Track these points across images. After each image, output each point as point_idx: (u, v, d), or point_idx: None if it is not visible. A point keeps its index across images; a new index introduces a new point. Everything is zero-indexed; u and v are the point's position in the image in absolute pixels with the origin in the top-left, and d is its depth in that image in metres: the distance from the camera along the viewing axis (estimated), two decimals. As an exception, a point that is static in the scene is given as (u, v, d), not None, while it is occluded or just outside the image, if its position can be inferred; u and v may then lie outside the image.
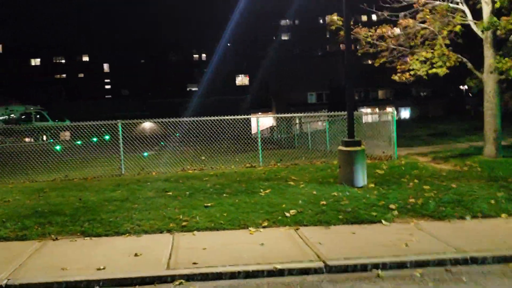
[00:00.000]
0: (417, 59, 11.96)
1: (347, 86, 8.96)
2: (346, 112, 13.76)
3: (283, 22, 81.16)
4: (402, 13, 13.61)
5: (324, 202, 7.24)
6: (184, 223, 6.36)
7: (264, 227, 6.26)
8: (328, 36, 79.77)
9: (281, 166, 11.56)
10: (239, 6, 69.04)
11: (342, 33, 12.27)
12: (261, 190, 8.15)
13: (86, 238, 6.02)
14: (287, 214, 6.66)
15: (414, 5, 12.09)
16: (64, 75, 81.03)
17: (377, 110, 66.92)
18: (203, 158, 12.38)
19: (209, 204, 7.20)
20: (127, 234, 6.07)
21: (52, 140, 25.46)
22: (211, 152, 14.17)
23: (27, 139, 27.54)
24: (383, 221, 6.49)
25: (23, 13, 72.04)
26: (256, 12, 71.19)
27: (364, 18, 67.30)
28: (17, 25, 72.51)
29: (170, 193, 8.17)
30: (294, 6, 72.68)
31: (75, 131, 13.46)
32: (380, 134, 14.55)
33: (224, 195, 7.91)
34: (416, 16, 12.47)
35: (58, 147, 22.54)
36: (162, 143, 22.44)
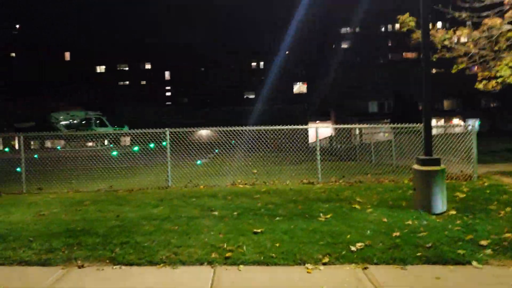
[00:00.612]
0: (506, 65, 10.32)
1: (425, 96, 7.62)
2: (413, 124, 12.43)
3: (343, 30, 79.29)
4: (485, 13, 11.96)
5: (398, 233, 5.97)
6: (228, 254, 5.34)
7: (324, 263, 5.12)
8: (390, 44, 77.16)
9: (343, 184, 10.29)
10: (298, 14, 68.14)
11: (415, 35, 10.90)
12: (321, 214, 6.98)
13: (115, 266, 5.15)
14: (353, 248, 5.47)
15: (505, 2, 10.43)
16: (127, 82, 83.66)
17: (443, 121, 63.40)
18: (255, 171, 11.38)
19: (259, 230, 6.14)
20: (162, 265, 5.14)
21: (112, 145, 25.64)
22: (265, 162, 13.20)
23: (90, 144, 27.96)
24: (474, 262, 5.14)
25: (89, 22, 75.07)
26: (315, 20, 70.02)
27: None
28: (83, 33, 75.67)
29: (216, 213, 7.21)
30: (354, 13, 70.80)
31: (133, 137, 13.04)
32: (454, 148, 12.94)
33: (277, 218, 6.83)
34: (504, 16, 10.82)
35: (115, 153, 22.47)
36: (216, 150, 21.81)
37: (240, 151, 12.51)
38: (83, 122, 33.07)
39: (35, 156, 20.04)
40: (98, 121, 32.89)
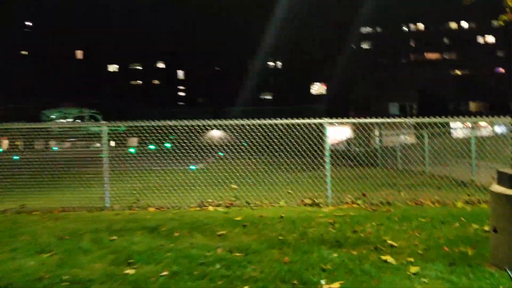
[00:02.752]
0: None
1: None
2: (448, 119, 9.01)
3: (364, 30, 75.90)
4: None
5: None
6: None
7: None
8: (413, 44, 73.22)
9: (364, 207, 6.82)
10: (317, 15, 64.82)
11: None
12: (323, 281, 3.66)
13: None
14: None
15: None
16: (139, 82, 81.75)
17: (468, 124, 59.13)
18: (234, 186, 8.02)
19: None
20: None
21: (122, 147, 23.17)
22: (267, 169, 9.99)
23: (98, 144, 25.47)
24: None
25: (103, 21, 73.22)
26: (335, 20, 66.91)
27: None
28: (96, 32, 73.87)
29: (132, 272, 3.94)
30: (375, 14, 67.42)
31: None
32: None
33: (237, 289, 3.54)
34: None
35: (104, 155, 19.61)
36: (220, 153, 18.95)
37: (244, 154, 9.42)
38: (77, 120, 30.47)
39: (15, 157, 17.15)
40: (92, 119, 30.22)
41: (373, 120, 7.85)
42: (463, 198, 7.17)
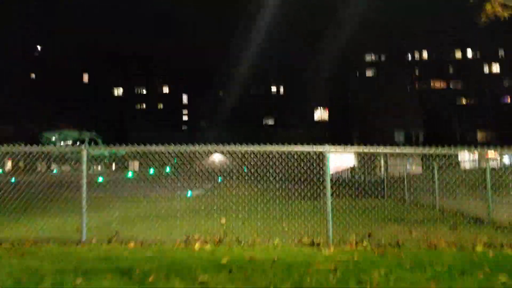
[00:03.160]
0: None
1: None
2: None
3: (367, 57, 75.89)
4: None
5: None
6: None
7: None
8: (417, 73, 73.00)
9: (370, 250, 5.96)
10: (321, 40, 65.01)
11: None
12: None
13: None
14: None
15: None
16: (144, 105, 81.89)
17: (476, 153, 58.12)
18: (223, 221, 7.24)
19: None
20: None
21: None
22: (265, 197, 9.31)
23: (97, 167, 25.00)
24: None
25: (108, 45, 73.51)
26: (339, 47, 66.98)
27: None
28: (101, 56, 74.23)
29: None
30: (379, 41, 67.60)
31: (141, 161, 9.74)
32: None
33: None
34: None
35: (100, 179, 19.23)
36: (220, 179, 18.34)
37: (240, 180, 8.83)
38: (77, 143, 29.91)
39: (12, 180, 16.53)
40: (92, 143, 29.66)
41: (380, 149, 7.12)
42: (482, 239, 6.34)
